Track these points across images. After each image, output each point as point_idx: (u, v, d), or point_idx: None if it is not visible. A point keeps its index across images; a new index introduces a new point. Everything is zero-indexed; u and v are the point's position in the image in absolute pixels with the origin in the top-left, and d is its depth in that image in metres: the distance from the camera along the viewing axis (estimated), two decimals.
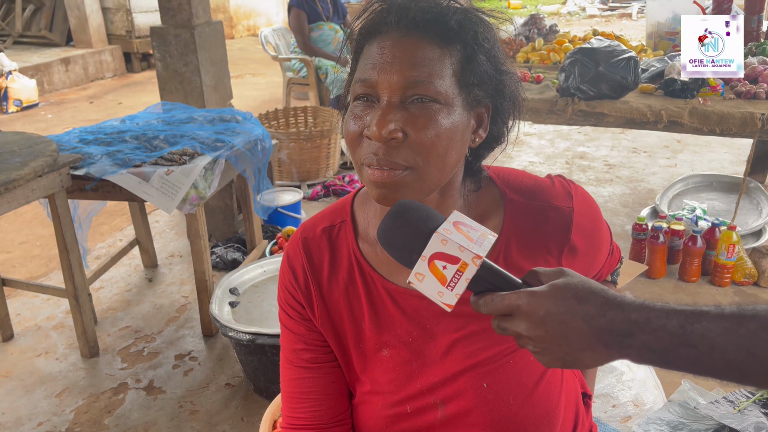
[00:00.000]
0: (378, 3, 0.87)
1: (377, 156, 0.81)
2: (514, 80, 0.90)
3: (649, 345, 0.67)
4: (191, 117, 2.89)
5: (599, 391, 1.81)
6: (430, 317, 0.95)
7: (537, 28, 4.04)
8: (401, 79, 0.80)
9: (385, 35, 0.84)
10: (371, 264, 0.97)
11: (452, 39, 0.83)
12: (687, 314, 0.67)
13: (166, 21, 3.21)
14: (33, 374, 2.47)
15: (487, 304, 0.73)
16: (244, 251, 3.23)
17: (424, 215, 0.75)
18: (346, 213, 1.01)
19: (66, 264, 2.38)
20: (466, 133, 0.86)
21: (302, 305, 1.01)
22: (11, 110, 6.37)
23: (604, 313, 0.69)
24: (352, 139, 0.84)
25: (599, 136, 5.22)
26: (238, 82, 7.34)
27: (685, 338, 0.66)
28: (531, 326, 0.70)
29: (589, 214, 0.98)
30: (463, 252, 0.71)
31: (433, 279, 0.72)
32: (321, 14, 4.98)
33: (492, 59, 0.87)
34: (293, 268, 1.02)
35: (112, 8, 8.19)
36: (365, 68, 0.83)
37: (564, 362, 0.72)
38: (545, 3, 15.13)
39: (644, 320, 0.67)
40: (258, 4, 11.62)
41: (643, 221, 3.00)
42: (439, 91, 0.80)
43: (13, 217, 3.79)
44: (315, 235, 1.01)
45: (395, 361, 0.97)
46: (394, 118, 0.80)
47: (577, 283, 0.71)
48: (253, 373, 2.26)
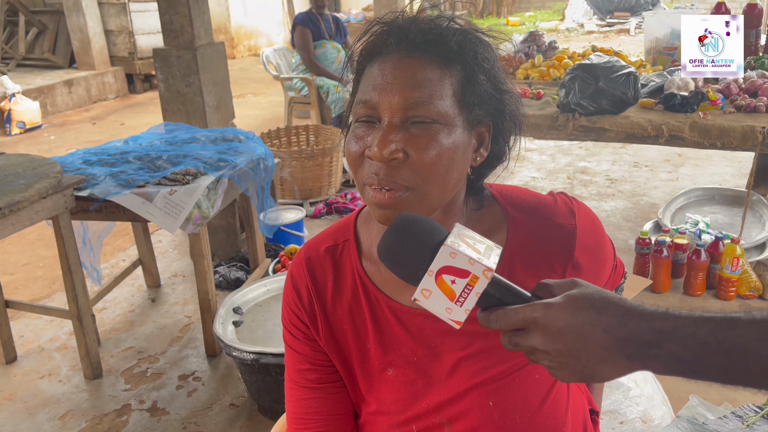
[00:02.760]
0: (378, 25, 0.87)
1: (378, 176, 0.81)
2: (514, 99, 0.91)
3: (677, 355, 0.65)
4: (194, 137, 2.90)
5: (606, 408, 1.79)
6: (435, 336, 0.94)
7: (536, 45, 4.07)
8: (402, 101, 0.80)
9: (385, 57, 0.84)
10: (375, 283, 0.97)
11: (452, 60, 0.84)
12: (717, 321, 0.64)
13: (169, 42, 3.24)
14: (36, 396, 2.45)
15: (498, 319, 0.70)
16: (247, 270, 3.22)
17: (428, 228, 0.72)
18: (349, 232, 1.01)
19: (69, 285, 2.38)
20: (467, 152, 0.86)
21: (306, 325, 1.01)
22: (15, 132, 6.41)
23: (625, 323, 0.66)
24: (353, 159, 0.85)
25: (600, 150, 5.23)
26: (240, 101, 7.38)
27: (717, 346, 0.63)
28: (548, 340, 0.68)
29: (592, 231, 0.98)
30: (474, 265, 0.68)
31: (441, 295, 0.69)
32: (324, 33, 5.04)
33: (492, 79, 0.87)
34: (297, 288, 1.01)
35: (114, 30, 8.27)
36: (366, 90, 0.84)
37: (582, 376, 0.69)
38: (544, 20, 15.25)
39: (671, 329, 0.65)
40: (259, 25, 11.73)
41: (646, 235, 2.99)
42: (439, 111, 0.81)
43: (17, 238, 3.80)
44: (318, 254, 1.01)
45: (400, 380, 0.97)
46: (395, 139, 0.80)
47: (594, 293, 0.69)
48: (257, 392, 2.24)
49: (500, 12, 17.18)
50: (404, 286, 0.93)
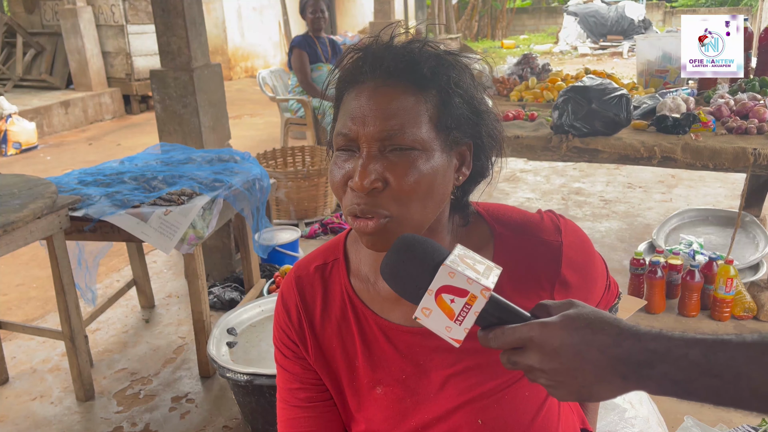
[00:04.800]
0: (353, 52, 0.89)
1: (359, 206, 0.83)
2: (491, 118, 0.92)
3: (670, 375, 0.65)
4: (190, 157, 2.91)
5: (601, 429, 1.78)
6: (424, 353, 0.95)
7: (530, 67, 4.11)
8: (377, 132, 0.82)
9: (361, 85, 0.86)
10: (363, 301, 0.98)
11: (426, 85, 0.85)
12: (709, 343, 0.65)
13: (166, 64, 3.27)
14: (28, 418, 2.43)
15: (497, 337, 0.72)
16: (241, 291, 3.21)
17: (429, 249, 0.74)
18: (338, 251, 1.02)
19: (63, 306, 2.36)
20: (448, 173, 0.87)
21: (296, 344, 1.01)
22: (10, 153, 6.42)
23: (620, 342, 0.67)
24: (336, 188, 0.86)
25: (594, 172, 5.26)
26: (236, 122, 7.42)
27: (709, 368, 0.64)
28: (544, 358, 0.69)
29: (580, 248, 0.98)
30: (472, 284, 0.70)
31: (441, 313, 0.70)
32: (320, 56, 5.09)
33: (468, 100, 0.88)
34: (287, 306, 1.02)
35: (112, 52, 8.34)
36: (344, 121, 0.85)
37: (579, 395, 0.70)
38: (538, 42, 15.43)
39: (664, 350, 0.66)
40: (255, 47, 11.83)
41: (641, 256, 3.00)
42: (415, 138, 0.82)
43: (11, 259, 3.78)
44: (308, 273, 1.02)
45: (389, 398, 0.97)
46: (374, 169, 0.82)
47: (590, 313, 0.70)
48: (251, 414, 2.22)
49: (495, 35, 17.40)
50: (393, 304, 0.95)
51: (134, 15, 8.22)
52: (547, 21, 18.35)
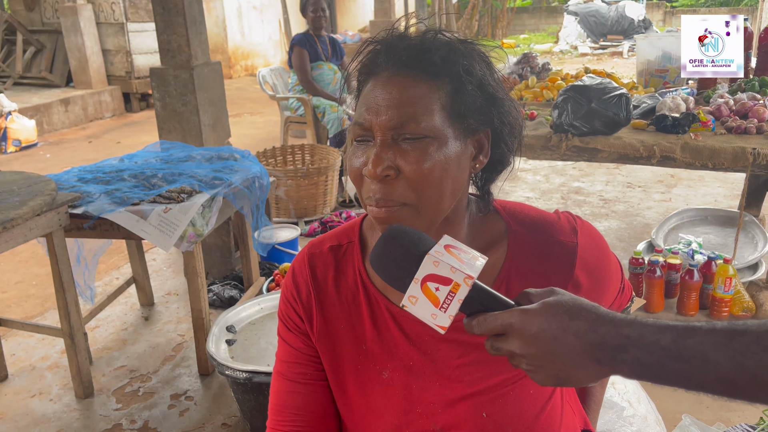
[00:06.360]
0: (370, 44, 0.90)
1: (375, 194, 0.84)
2: (509, 105, 0.92)
3: (642, 360, 0.68)
4: (189, 155, 2.91)
5: (600, 428, 1.79)
6: (432, 343, 0.95)
7: (530, 67, 4.12)
8: (390, 120, 0.83)
9: (377, 76, 0.87)
10: (377, 286, 0.98)
11: (439, 73, 0.86)
12: (680, 330, 0.67)
13: (166, 62, 3.27)
14: (27, 416, 2.43)
15: (480, 324, 0.74)
16: (241, 289, 3.22)
17: (415, 239, 0.76)
18: (354, 234, 1.03)
19: (62, 303, 2.37)
20: (463, 161, 0.88)
21: (301, 319, 1.02)
22: (10, 150, 6.42)
23: (595, 328, 0.70)
24: (354, 177, 0.88)
25: (594, 171, 5.27)
26: (236, 120, 7.42)
27: (678, 353, 0.66)
28: (524, 344, 0.71)
29: (595, 251, 0.98)
30: (455, 273, 0.72)
31: (426, 301, 0.73)
32: (321, 54, 5.09)
33: (483, 88, 0.88)
34: (297, 282, 1.03)
35: (112, 50, 8.33)
36: (361, 112, 0.87)
37: (557, 379, 0.72)
38: (538, 42, 15.43)
39: (637, 335, 0.68)
40: (256, 45, 11.83)
41: (640, 255, 3.00)
42: (428, 126, 0.83)
43: (10, 256, 3.78)
44: (322, 251, 1.03)
45: (395, 384, 0.97)
46: (387, 157, 0.83)
47: (568, 300, 0.73)
48: (250, 412, 2.23)
49: (495, 34, 17.38)
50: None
51: (134, 13, 8.21)
52: (548, 20, 18.33)
